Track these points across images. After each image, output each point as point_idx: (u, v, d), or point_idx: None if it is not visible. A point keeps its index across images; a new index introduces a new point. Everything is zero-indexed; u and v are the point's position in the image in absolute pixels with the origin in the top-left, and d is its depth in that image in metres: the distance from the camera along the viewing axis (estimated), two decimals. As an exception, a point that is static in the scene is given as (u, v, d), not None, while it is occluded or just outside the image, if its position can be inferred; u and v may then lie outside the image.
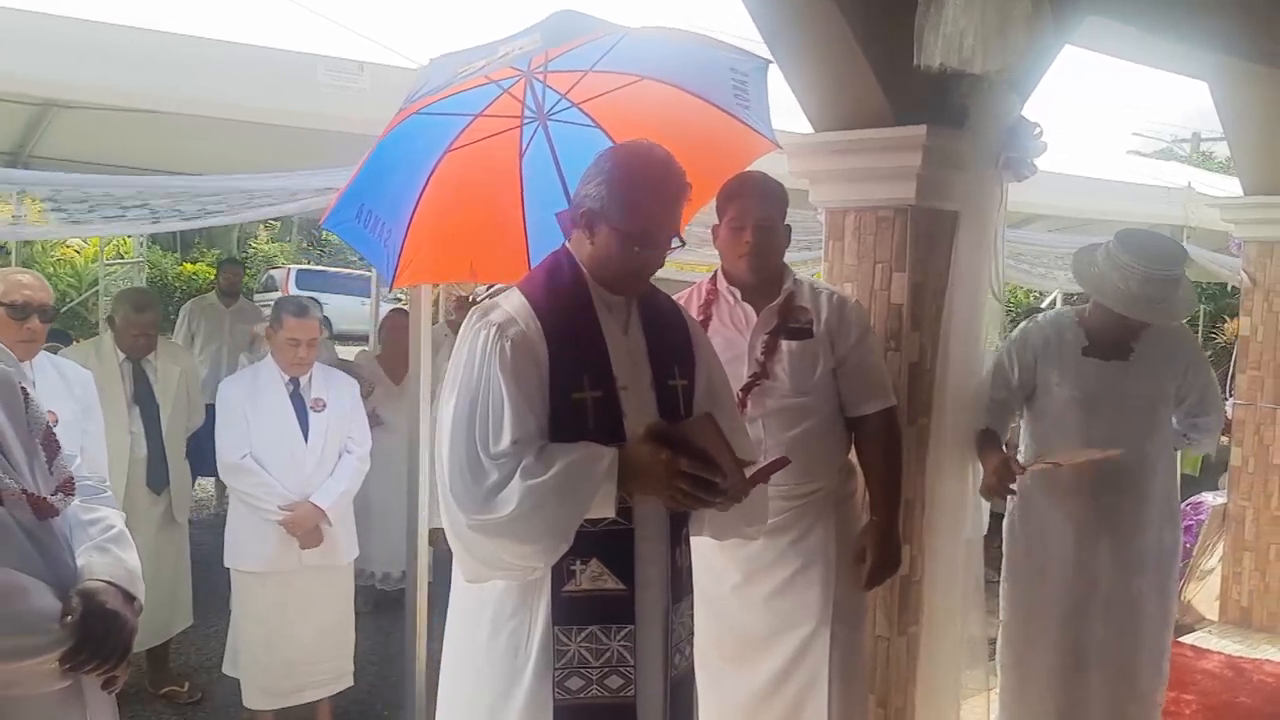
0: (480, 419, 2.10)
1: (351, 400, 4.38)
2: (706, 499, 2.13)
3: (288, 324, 4.15)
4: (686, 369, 2.34)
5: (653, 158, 2.18)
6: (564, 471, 2.06)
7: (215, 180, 3.70)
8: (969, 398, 3.18)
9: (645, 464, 2.10)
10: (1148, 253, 3.12)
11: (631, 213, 2.15)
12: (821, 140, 3.25)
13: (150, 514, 4.63)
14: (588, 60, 3.02)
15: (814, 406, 2.93)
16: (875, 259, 3.22)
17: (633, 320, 2.30)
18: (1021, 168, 3.08)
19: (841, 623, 2.92)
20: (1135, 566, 3.30)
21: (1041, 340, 3.34)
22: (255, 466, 4.09)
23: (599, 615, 2.17)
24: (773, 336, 2.94)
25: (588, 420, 2.16)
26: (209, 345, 7.85)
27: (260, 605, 4.15)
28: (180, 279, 20.93)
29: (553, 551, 2.10)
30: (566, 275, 2.25)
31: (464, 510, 2.08)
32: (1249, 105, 4.91)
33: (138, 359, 4.65)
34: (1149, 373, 3.27)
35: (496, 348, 2.13)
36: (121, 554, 1.90)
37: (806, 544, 2.94)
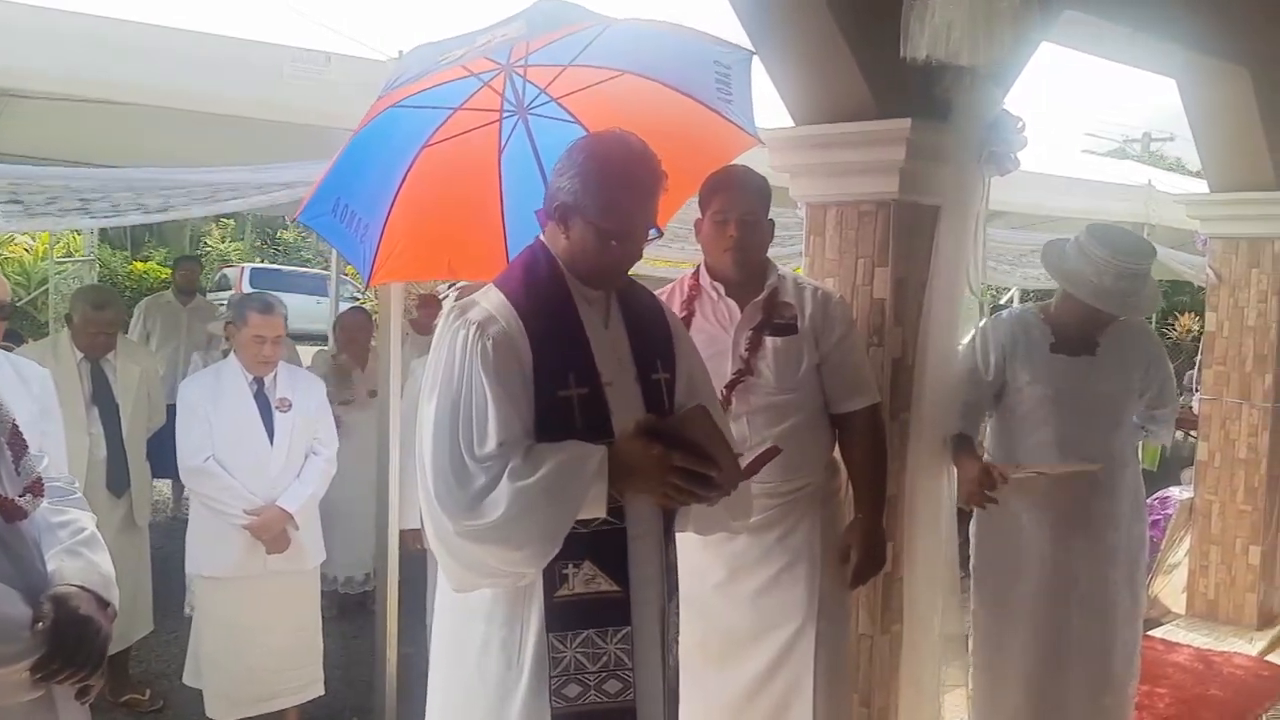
0: (464, 421, 2.03)
1: (318, 400, 4.29)
2: (701, 493, 2.08)
3: (252, 320, 4.04)
4: (668, 362, 2.29)
5: (627, 147, 2.12)
6: (553, 472, 2.00)
7: (179, 173, 3.60)
8: (945, 393, 3.16)
9: (636, 460, 2.04)
10: (1120, 247, 3.14)
11: (606, 205, 2.10)
12: (803, 134, 3.21)
13: (110, 517, 4.50)
14: (568, 54, 2.97)
15: (799, 403, 2.90)
16: (857, 254, 3.19)
17: (613, 314, 2.24)
18: (1004, 162, 3.07)
19: (827, 620, 2.89)
20: (1108, 560, 3.32)
21: (1008, 337, 3.34)
22: (218, 469, 3.98)
23: (594, 619, 2.11)
24: (757, 332, 2.90)
25: (574, 418, 2.09)
26: (165, 344, 7.68)
27: (225, 612, 4.04)
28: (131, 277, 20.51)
29: (544, 555, 2.04)
30: (544, 270, 2.18)
31: (450, 517, 2.01)
32: (1216, 103, 4.95)
33: (96, 358, 4.52)
34: (1115, 368, 3.29)
35: (477, 347, 2.06)
36: (94, 557, 1.82)
37: (792, 540, 2.90)
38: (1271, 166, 5.05)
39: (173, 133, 4.00)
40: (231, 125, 3.78)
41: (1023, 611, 3.33)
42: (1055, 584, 3.29)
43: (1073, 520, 3.28)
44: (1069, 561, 3.29)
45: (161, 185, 3.60)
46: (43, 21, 3.22)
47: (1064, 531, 3.29)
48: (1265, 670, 4.90)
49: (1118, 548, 3.32)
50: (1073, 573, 3.29)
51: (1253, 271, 5.32)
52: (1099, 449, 3.24)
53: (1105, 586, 3.31)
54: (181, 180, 3.65)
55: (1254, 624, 5.40)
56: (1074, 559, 3.29)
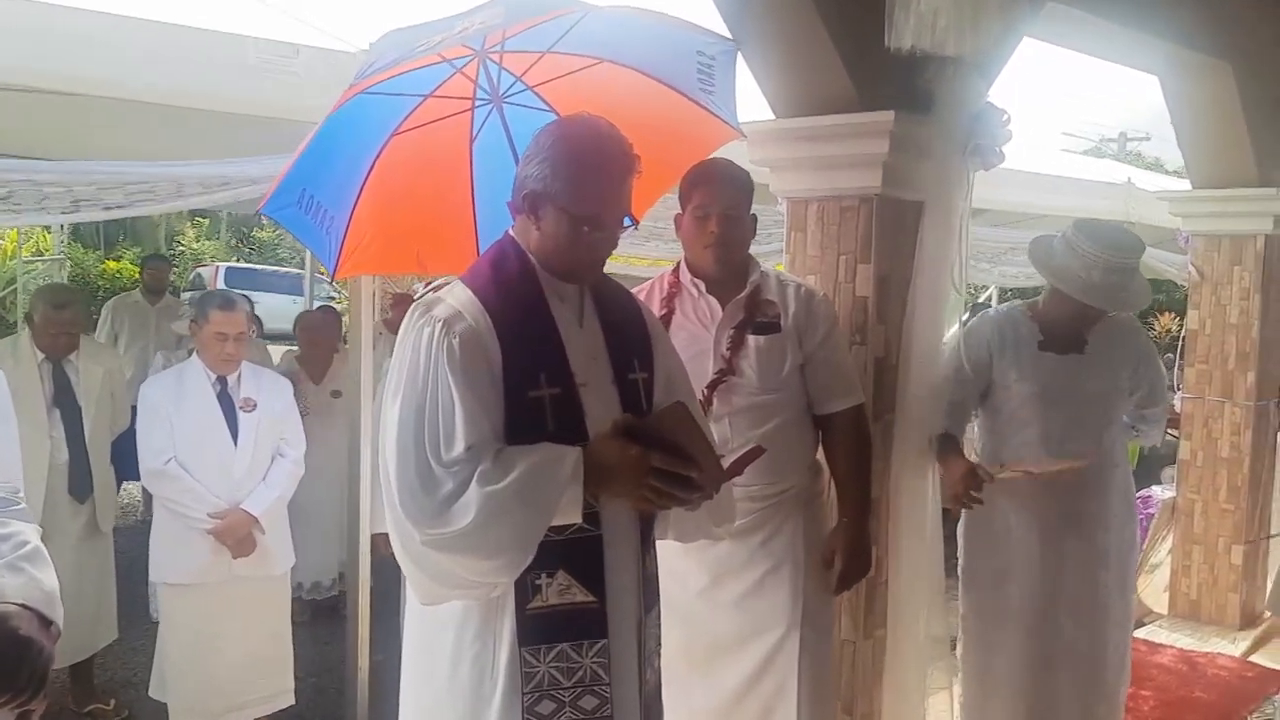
0: (429, 424, 1.93)
1: (284, 400, 4.17)
2: (682, 496, 1.99)
3: (213, 318, 3.93)
4: (646, 362, 2.20)
5: (597, 131, 2.03)
6: (525, 475, 1.90)
7: (142, 167, 3.48)
8: (930, 392, 3.09)
9: (613, 462, 1.94)
10: (1109, 242, 3.08)
11: (578, 189, 2.00)
12: (784, 127, 3.13)
13: (72, 524, 4.39)
14: (546, 40, 2.89)
15: (782, 404, 2.82)
16: (839, 250, 3.11)
17: (587, 311, 2.15)
18: (989, 155, 2.99)
19: (811, 626, 2.82)
20: (1099, 563, 3.25)
21: (996, 335, 3.27)
22: (181, 472, 3.86)
23: (568, 631, 2.02)
24: (739, 331, 2.82)
25: (546, 420, 1.99)
26: (133, 345, 7.54)
27: (189, 620, 3.91)
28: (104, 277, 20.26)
29: (516, 565, 1.94)
30: (514, 265, 2.09)
31: (416, 525, 1.91)
32: (1199, 98, 4.91)
33: (58, 359, 4.39)
34: (1104, 366, 3.23)
35: (443, 345, 1.96)
36: (37, 573, 1.70)
37: (775, 545, 2.83)
38: (1254, 162, 5.01)
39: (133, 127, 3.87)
40: (195, 119, 3.66)
41: (1012, 616, 3.25)
42: (1045, 587, 3.22)
43: (1062, 522, 3.21)
44: (1059, 564, 3.22)
45: (124, 180, 3.48)
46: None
47: (1054, 534, 3.22)
48: (1249, 671, 4.86)
49: (1109, 550, 3.26)
50: (1063, 576, 3.22)
51: (1235, 269, 5.28)
52: (1088, 449, 3.17)
53: (1096, 590, 3.24)
54: (145, 175, 3.53)
55: (1236, 624, 5.37)
56: (1064, 562, 3.22)
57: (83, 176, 3.35)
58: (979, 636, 3.32)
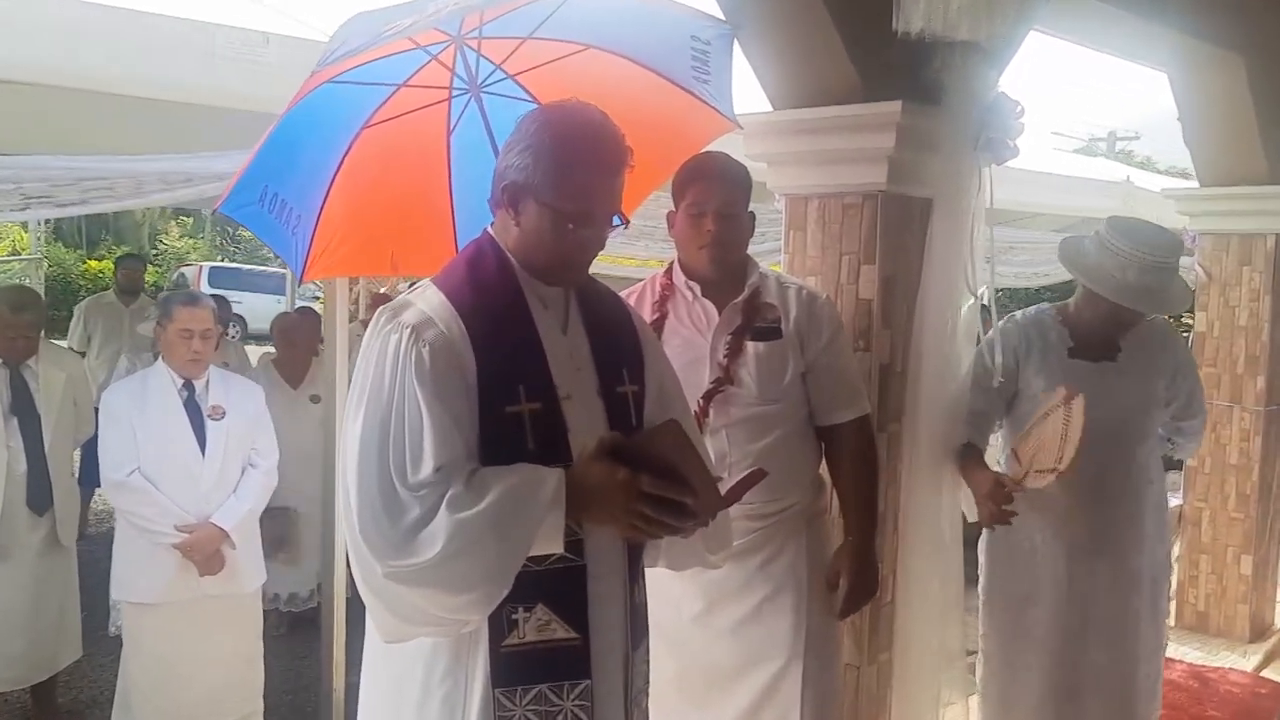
0: (395, 442, 1.74)
1: (255, 407, 3.96)
2: (674, 524, 1.79)
3: (178, 314, 3.73)
4: (636, 372, 2.01)
5: (586, 119, 1.84)
6: (500, 500, 1.70)
7: (99, 162, 3.26)
8: (946, 402, 2.89)
9: (598, 486, 1.75)
10: (1146, 240, 2.88)
11: (564, 183, 1.81)
12: (784, 119, 2.93)
13: (31, 538, 4.19)
14: (527, 25, 2.71)
15: (783, 415, 2.63)
16: (841, 250, 2.93)
17: (572, 317, 1.96)
18: (1001, 149, 2.81)
19: (814, 655, 2.63)
20: (1131, 586, 3.05)
21: (1023, 342, 3.06)
22: (144, 484, 3.65)
23: (548, 672, 1.83)
24: (737, 337, 2.63)
25: (525, 438, 1.80)
26: (107, 347, 7.35)
27: (154, 641, 3.70)
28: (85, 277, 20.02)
29: (490, 600, 1.75)
30: (491, 266, 1.90)
31: (378, 556, 1.71)
32: (1208, 92, 4.74)
33: (16, 364, 4.19)
34: (1139, 374, 3.02)
35: (411, 354, 1.77)
36: None
37: (776, 567, 2.64)
38: (1265, 159, 4.85)
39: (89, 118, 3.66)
40: (157, 110, 3.46)
41: (1037, 640, 3.05)
42: (1073, 612, 3.02)
43: (1093, 543, 3.01)
44: (1088, 587, 3.02)
45: (79, 176, 3.26)
46: (-63, -7, 2.89)
47: (1083, 555, 3.02)
48: (1262, 688, 4.69)
49: (1141, 572, 3.06)
50: (1092, 600, 3.02)
51: (1244, 269, 5.11)
52: (1122, 463, 2.98)
53: (1127, 615, 3.04)
54: (102, 170, 3.32)
55: (1246, 637, 5.21)
56: (1094, 585, 3.02)
57: (34, 172, 3.13)
58: (1001, 660, 3.12)
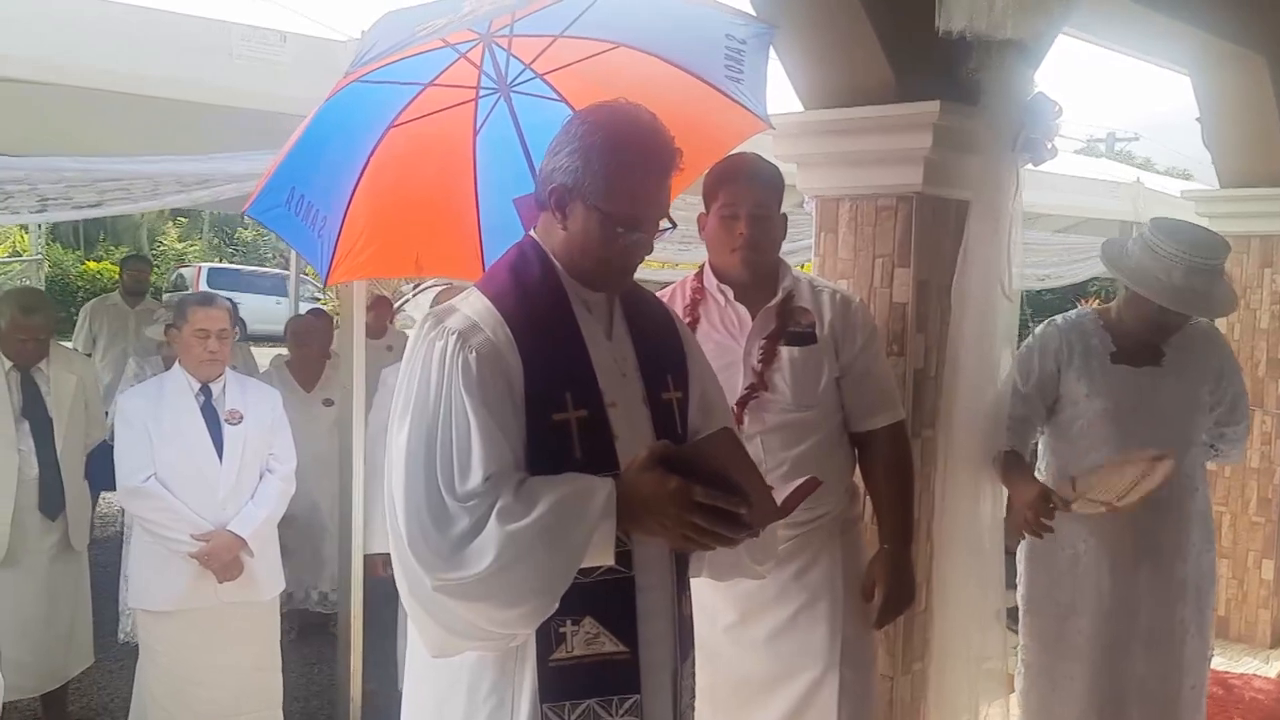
0: (442, 451, 1.69)
1: (273, 412, 3.89)
2: (727, 535, 1.74)
3: (194, 315, 3.66)
4: (680, 379, 1.97)
5: (637, 120, 1.80)
6: (551, 511, 1.66)
7: (116, 163, 3.22)
8: (983, 408, 2.84)
9: (650, 496, 1.69)
10: (1192, 240, 2.82)
11: (614, 187, 1.77)
12: (816, 119, 2.89)
13: (43, 542, 4.11)
14: (558, 23, 2.66)
15: (818, 421, 2.58)
16: (874, 253, 2.88)
17: (616, 322, 1.91)
18: (1040, 150, 2.76)
19: (850, 665, 2.57)
20: (1177, 596, 2.98)
21: (1064, 346, 3.00)
22: (161, 490, 3.58)
23: (597, 686, 1.79)
24: (771, 341, 2.58)
25: (573, 446, 1.76)
26: (112, 348, 7.27)
27: (171, 650, 3.63)
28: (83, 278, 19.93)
29: (540, 613, 1.70)
30: (536, 271, 1.85)
31: (427, 568, 1.66)
32: (1230, 92, 4.71)
33: (26, 367, 4.12)
34: (1183, 379, 2.96)
35: (458, 361, 1.72)
36: None
37: (811, 577, 2.59)
38: (1287, 160, 4.81)
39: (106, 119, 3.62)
40: (174, 110, 3.42)
41: (1079, 651, 2.98)
42: (1116, 622, 2.96)
43: (1138, 552, 2.94)
44: (1132, 596, 2.95)
45: (96, 177, 3.22)
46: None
47: (1127, 564, 2.95)
48: (1287, 693, 4.65)
49: (1186, 581, 2.99)
50: (1136, 610, 2.96)
51: (1265, 271, 5.07)
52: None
53: (1172, 625, 2.98)
54: (119, 172, 3.27)
55: (1267, 642, 5.17)
56: (1138, 594, 2.96)
57: (51, 174, 3.09)
58: (1041, 671, 3.05)
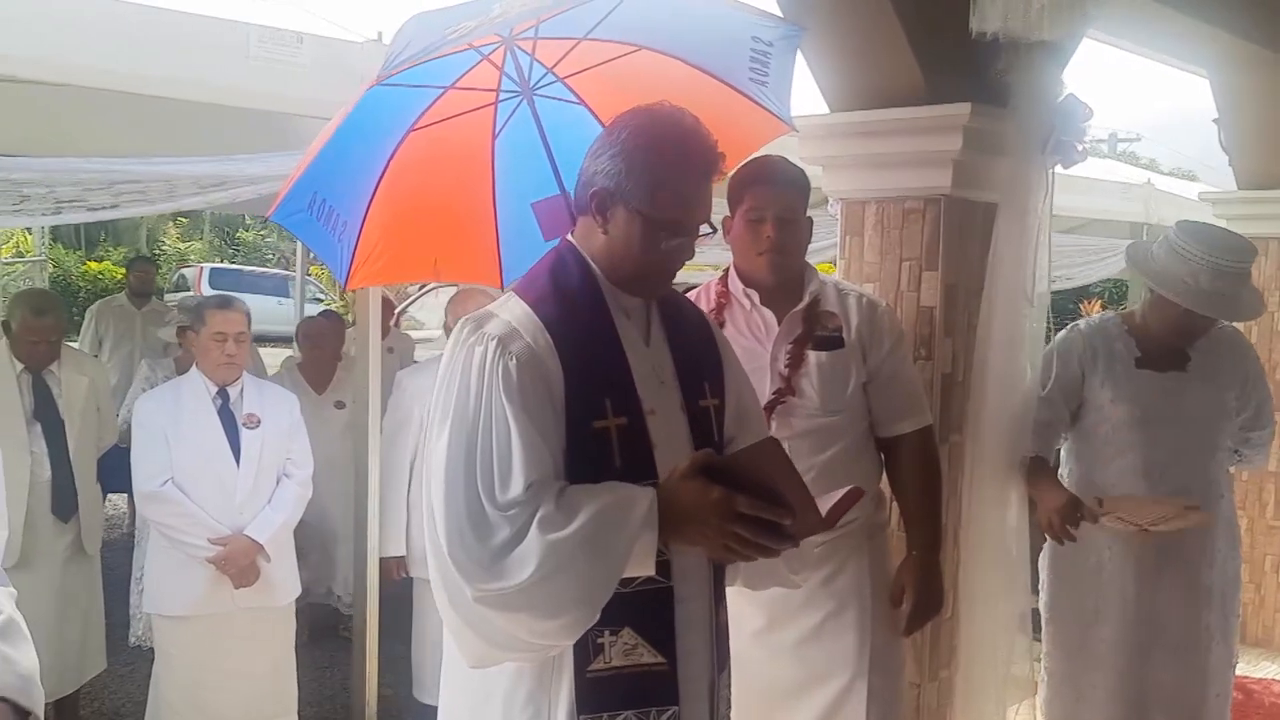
0: (482, 459, 1.67)
1: (290, 416, 3.86)
2: (770, 546, 1.72)
3: (212, 318, 3.63)
4: (717, 386, 1.95)
5: (680, 123, 1.79)
6: (593, 521, 1.64)
7: (132, 165, 3.19)
8: (1011, 413, 2.81)
9: (692, 506, 1.67)
10: (1218, 243, 2.80)
11: (657, 191, 1.75)
12: (843, 121, 2.86)
13: (56, 545, 4.08)
14: (583, 26, 2.63)
15: (845, 426, 2.56)
16: (901, 256, 2.85)
17: (654, 328, 1.89)
18: (1070, 152, 2.73)
19: (879, 672, 2.55)
20: (1202, 603, 2.97)
21: (1088, 351, 2.98)
22: (178, 494, 3.55)
23: (635, 698, 1.77)
24: (798, 346, 2.55)
25: (612, 454, 1.74)
26: (119, 350, 7.26)
27: (187, 655, 3.60)
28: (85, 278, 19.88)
29: (581, 624, 1.68)
30: (575, 276, 1.83)
31: (467, 578, 1.64)
32: (1248, 94, 4.68)
33: (38, 369, 4.09)
34: (1208, 384, 2.94)
35: (499, 368, 1.70)
36: (12, 652, 1.41)
37: (839, 583, 2.56)
38: (1305, 161, 4.78)
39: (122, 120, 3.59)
40: (190, 112, 3.39)
41: (1103, 658, 2.96)
42: (1141, 629, 2.94)
43: (1162, 558, 2.92)
44: (1157, 603, 2.93)
45: (112, 179, 3.19)
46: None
47: (1152, 571, 2.93)
48: (1306, 698, 4.62)
49: (1212, 588, 2.98)
50: (1161, 617, 2.94)
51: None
52: (1191, 476, 2.90)
53: (1197, 632, 2.96)
54: (135, 174, 3.25)
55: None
56: (1163, 601, 2.94)
57: (67, 175, 3.06)
58: (1064, 679, 3.03)
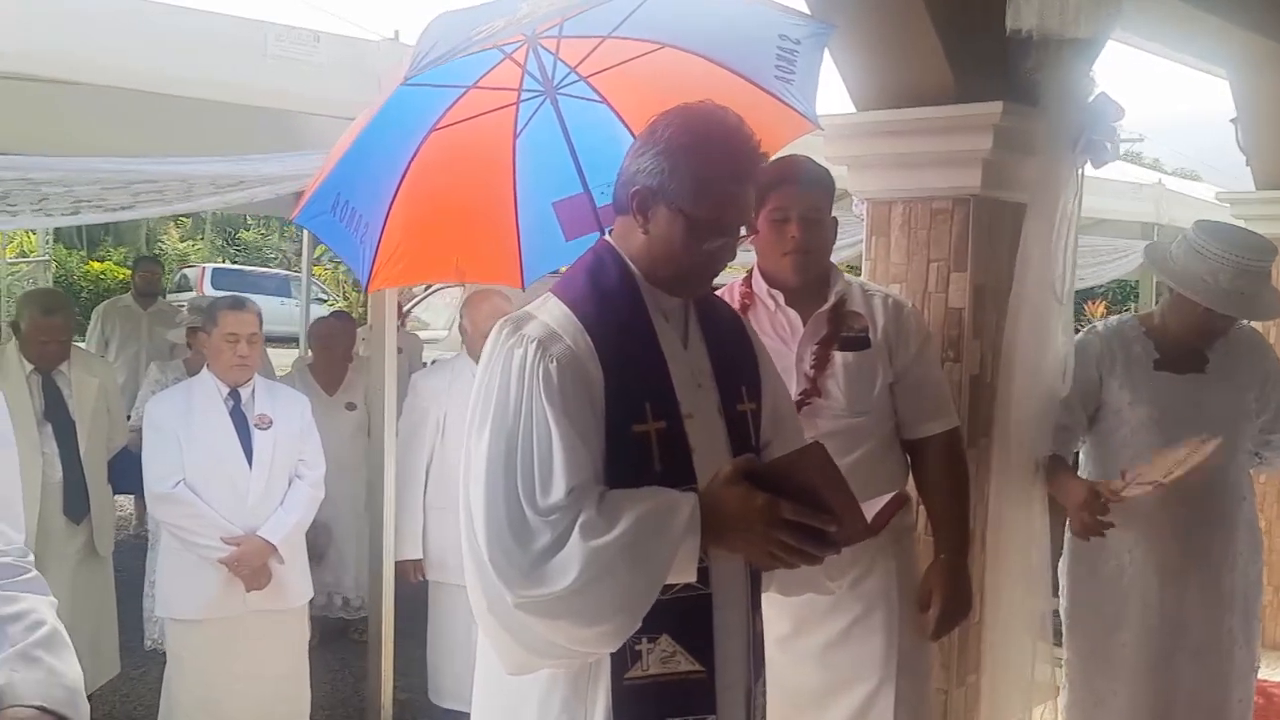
0: (523, 463, 1.65)
1: (302, 418, 3.83)
2: (814, 553, 1.69)
3: (225, 319, 3.61)
4: (754, 390, 1.92)
5: (725, 123, 1.76)
6: (635, 527, 1.61)
7: (151, 165, 3.16)
8: (1035, 416, 2.78)
9: (736, 512, 1.65)
10: (1238, 242, 2.78)
11: (701, 190, 1.72)
12: (870, 120, 2.83)
13: (68, 547, 4.06)
14: (608, 24, 2.59)
15: (872, 428, 2.53)
16: (929, 256, 2.82)
17: (692, 330, 1.86)
18: (1102, 152, 2.71)
19: (907, 676, 2.52)
20: (1224, 606, 2.94)
21: (1106, 353, 2.95)
22: (190, 496, 3.53)
23: (672, 706, 1.74)
24: (823, 347, 2.52)
25: (652, 459, 1.71)
26: (125, 350, 7.25)
27: (199, 659, 3.59)
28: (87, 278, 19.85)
29: (623, 632, 1.65)
30: (613, 276, 1.80)
31: (508, 584, 1.62)
32: (1267, 93, 4.65)
33: (48, 370, 4.07)
34: (1228, 386, 2.91)
35: (539, 370, 1.67)
36: (56, 663, 1.39)
37: (866, 587, 2.53)
38: (1326, 162, 4.75)
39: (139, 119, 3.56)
40: (207, 111, 3.37)
41: (1125, 664, 2.93)
42: (1163, 633, 2.90)
43: (1184, 561, 2.89)
44: (1179, 607, 2.90)
45: (130, 179, 3.16)
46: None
47: (1174, 574, 2.90)
48: (1326, 702, 4.59)
49: (1234, 591, 2.95)
50: (1183, 621, 2.91)
51: (1303, 274, 5.00)
52: (1211, 480, 2.86)
53: (1220, 636, 2.93)
54: (154, 173, 3.21)
55: (1303, 650, 5.10)
56: (1185, 604, 2.91)
57: (86, 175, 3.03)
58: (1085, 685, 3.00)
